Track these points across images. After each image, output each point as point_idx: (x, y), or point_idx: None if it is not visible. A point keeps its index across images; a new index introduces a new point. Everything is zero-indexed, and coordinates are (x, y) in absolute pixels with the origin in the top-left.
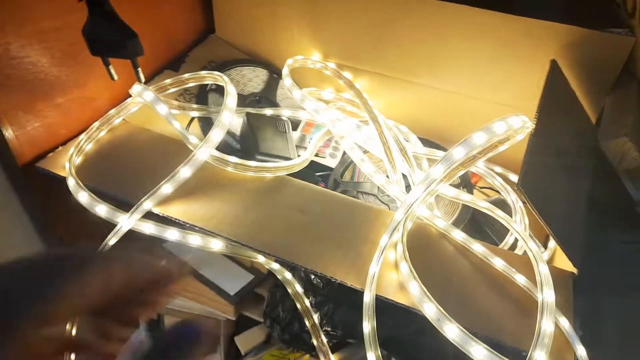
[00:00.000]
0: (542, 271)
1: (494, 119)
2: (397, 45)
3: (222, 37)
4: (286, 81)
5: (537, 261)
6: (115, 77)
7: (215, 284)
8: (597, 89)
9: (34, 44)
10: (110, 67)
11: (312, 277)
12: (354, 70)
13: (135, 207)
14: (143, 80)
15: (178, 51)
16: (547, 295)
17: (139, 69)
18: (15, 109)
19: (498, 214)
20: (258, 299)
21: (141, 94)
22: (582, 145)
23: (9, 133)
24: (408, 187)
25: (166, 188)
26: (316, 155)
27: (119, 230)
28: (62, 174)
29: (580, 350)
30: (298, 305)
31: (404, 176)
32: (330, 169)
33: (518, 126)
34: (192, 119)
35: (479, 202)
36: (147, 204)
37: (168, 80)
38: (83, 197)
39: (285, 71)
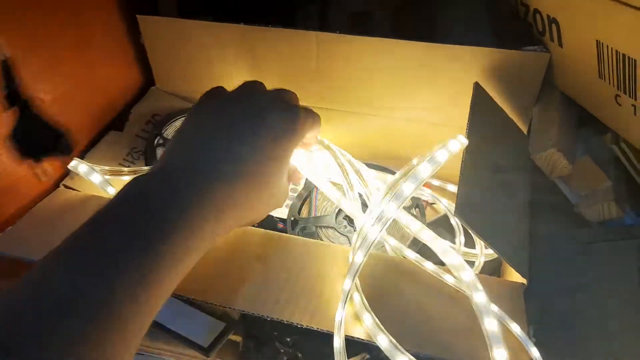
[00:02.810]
0: (465, 278)
1: (432, 137)
2: (330, 80)
3: (163, 89)
4: None
5: (458, 271)
6: (43, 179)
7: (187, 338)
8: (524, 103)
9: None
10: (39, 169)
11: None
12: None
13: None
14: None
15: (120, 109)
16: (476, 297)
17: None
18: None
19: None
20: (234, 345)
21: (77, 167)
22: (516, 159)
23: None
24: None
25: None
26: None
27: None
28: (15, 252)
29: (535, 353)
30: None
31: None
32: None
33: (457, 149)
34: None
35: (423, 232)
36: None
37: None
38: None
39: None
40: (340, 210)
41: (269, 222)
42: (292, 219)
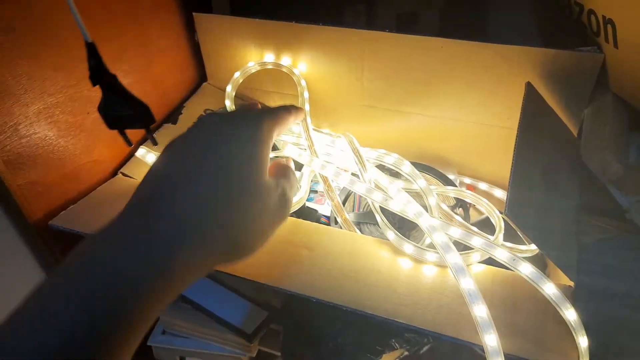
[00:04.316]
0: (451, 261)
1: (480, 137)
2: (377, 78)
3: (215, 85)
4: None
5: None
6: (131, 144)
7: (232, 324)
8: (575, 105)
9: (40, 121)
10: (125, 137)
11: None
12: (343, 104)
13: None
14: (157, 143)
15: (174, 104)
16: (463, 283)
17: (154, 135)
18: (28, 183)
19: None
20: (275, 334)
21: (145, 156)
22: (566, 160)
23: (21, 201)
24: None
25: None
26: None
27: None
28: (75, 228)
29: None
30: None
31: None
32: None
33: None
34: None
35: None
36: None
37: None
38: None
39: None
40: (382, 208)
41: (313, 217)
42: (335, 214)
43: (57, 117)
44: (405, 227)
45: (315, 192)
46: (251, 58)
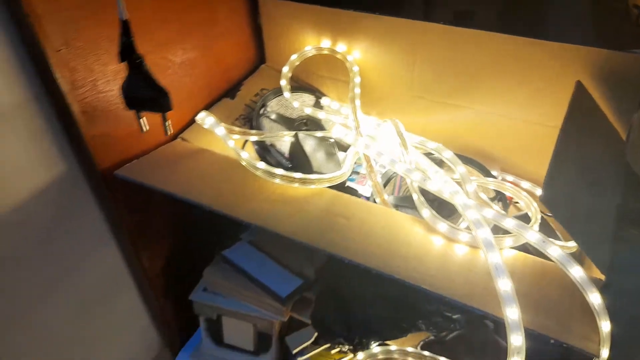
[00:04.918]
0: (481, 235)
1: (524, 135)
2: (432, 71)
3: (273, 67)
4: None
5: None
6: (145, 129)
7: (269, 287)
8: (625, 106)
9: (116, 80)
10: (141, 120)
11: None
12: (392, 93)
13: None
14: (169, 132)
15: (234, 81)
16: (491, 257)
17: (167, 122)
18: (100, 135)
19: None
20: (306, 303)
21: (204, 119)
22: (611, 161)
23: (93, 151)
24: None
25: None
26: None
27: None
28: (137, 179)
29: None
30: None
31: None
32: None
33: None
34: (246, 141)
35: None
36: None
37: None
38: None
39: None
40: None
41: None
42: (375, 195)
43: None
44: (442, 214)
45: (358, 173)
46: (309, 43)
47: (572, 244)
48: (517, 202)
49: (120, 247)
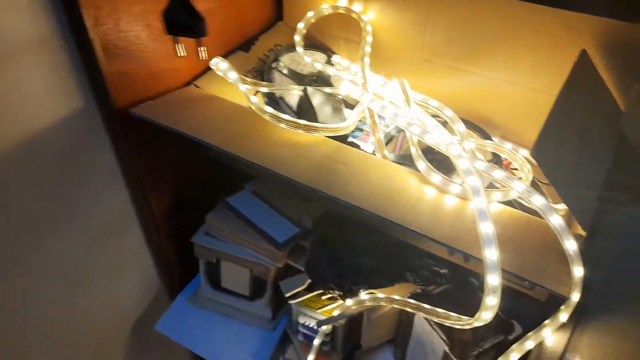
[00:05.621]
0: (470, 182)
1: (526, 102)
2: (443, 34)
3: (289, 25)
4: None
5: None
6: (180, 54)
7: (267, 232)
8: (628, 78)
9: (138, 21)
10: (178, 45)
11: None
12: (402, 56)
13: None
14: (203, 57)
15: (249, 35)
16: (476, 201)
17: (202, 48)
18: (118, 72)
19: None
20: (302, 251)
21: (218, 64)
22: (606, 128)
23: (110, 87)
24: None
25: None
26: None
27: None
28: (151, 117)
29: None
30: None
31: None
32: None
33: None
34: (256, 92)
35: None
36: None
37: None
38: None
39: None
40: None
41: None
42: (376, 150)
43: (152, 22)
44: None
45: (362, 130)
46: (326, 2)
47: (561, 206)
48: (514, 169)
49: (128, 186)
